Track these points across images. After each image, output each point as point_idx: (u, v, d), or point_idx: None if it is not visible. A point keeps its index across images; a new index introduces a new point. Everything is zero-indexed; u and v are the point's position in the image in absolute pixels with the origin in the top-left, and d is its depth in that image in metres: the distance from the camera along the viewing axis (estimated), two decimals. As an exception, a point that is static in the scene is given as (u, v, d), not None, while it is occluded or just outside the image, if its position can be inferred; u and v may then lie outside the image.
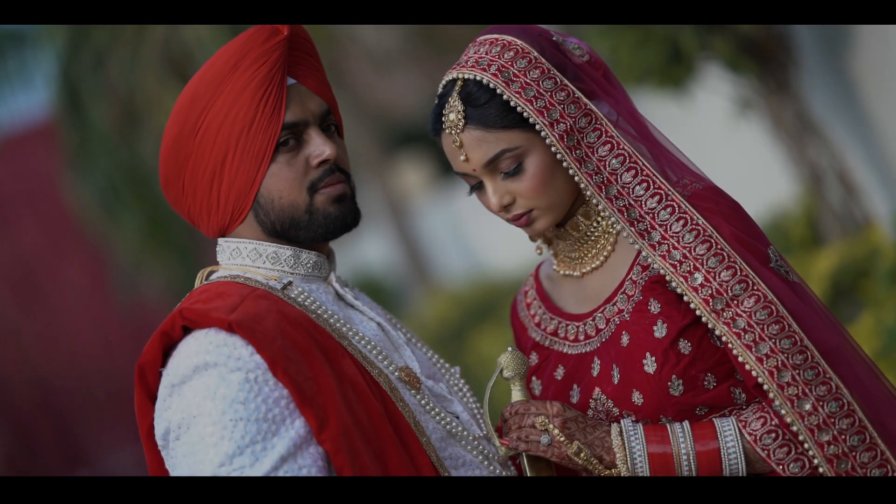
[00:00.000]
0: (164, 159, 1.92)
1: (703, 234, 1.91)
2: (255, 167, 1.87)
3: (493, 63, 1.94)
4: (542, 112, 1.91)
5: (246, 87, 1.86)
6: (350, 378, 1.81)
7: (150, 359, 1.82)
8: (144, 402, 1.84)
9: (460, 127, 1.94)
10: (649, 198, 1.93)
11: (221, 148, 1.86)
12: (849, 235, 4.62)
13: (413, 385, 1.91)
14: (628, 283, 1.98)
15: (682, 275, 1.90)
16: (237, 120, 1.85)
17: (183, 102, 1.88)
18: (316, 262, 1.95)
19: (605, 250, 2.02)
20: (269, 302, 1.83)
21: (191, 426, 1.75)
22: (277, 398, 1.75)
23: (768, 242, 1.95)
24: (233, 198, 1.88)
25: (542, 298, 2.12)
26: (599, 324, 2.01)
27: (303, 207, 1.89)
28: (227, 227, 1.92)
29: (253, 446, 1.72)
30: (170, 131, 1.89)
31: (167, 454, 1.81)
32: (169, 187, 1.93)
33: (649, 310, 1.94)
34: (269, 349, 1.76)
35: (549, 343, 2.08)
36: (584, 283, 2.06)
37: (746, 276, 1.89)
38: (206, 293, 1.85)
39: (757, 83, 4.69)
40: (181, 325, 1.81)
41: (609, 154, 1.94)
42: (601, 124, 1.95)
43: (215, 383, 1.74)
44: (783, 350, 1.86)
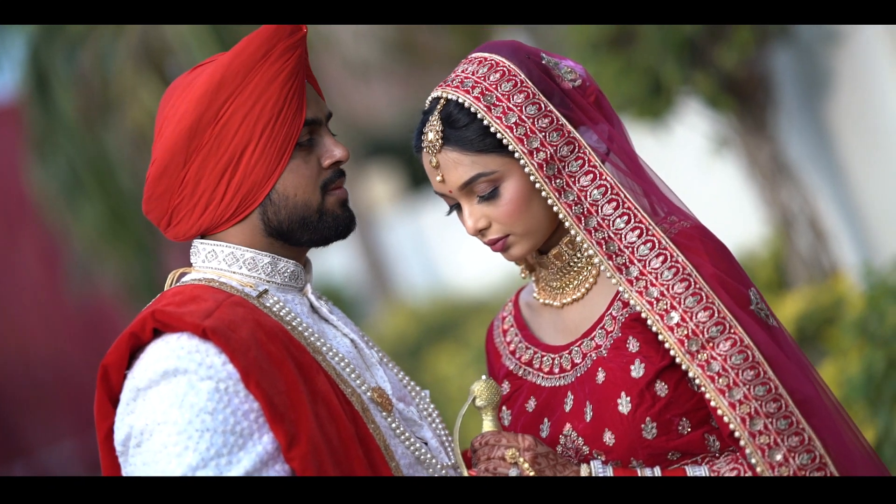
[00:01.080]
0: (169, 147, 1.82)
1: (682, 272, 1.87)
2: (275, 161, 1.82)
3: (478, 85, 1.91)
4: (522, 140, 1.88)
5: (276, 77, 1.81)
6: (323, 395, 1.75)
7: (116, 359, 1.75)
8: (105, 403, 1.76)
9: (437, 147, 1.91)
10: (630, 231, 1.89)
11: (243, 138, 1.80)
12: (815, 282, 4.61)
13: (385, 407, 1.85)
14: (608, 319, 1.94)
15: (659, 313, 1.86)
16: (265, 110, 1.80)
17: (206, 89, 1.81)
18: (293, 272, 1.90)
19: (587, 282, 1.98)
20: (245, 310, 1.77)
21: (154, 433, 1.68)
22: (247, 411, 1.69)
23: (750, 284, 1.91)
24: (243, 191, 1.82)
25: (520, 326, 2.08)
26: (576, 358, 1.96)
27: (314, 207, 1.85)
28: (218, 225, 1.85)
29: (218, 459, 1.66)
30: (185, 118, 1.81)
31: (125, 461, 1.73)
32: (163, 178, 1.84)
33: (627, 348, 1.90)
34: (244, 359, 1.70)
35: (523, 373, 2.03)
36: (563, 315, 2.02)
37: (724, 318, 1.85)
38: (180, 296, 1.78)
39: (735, 122, 4.69)
40: (152, 326, 1.73)
41: (591, 184, 1.90)
42: (584, 153, 1.91)
43: (183, 390, 1.68)
44: (757, 397, 1.82)
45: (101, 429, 1.77)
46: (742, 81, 4.58)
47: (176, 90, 1.86)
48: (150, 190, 1.86)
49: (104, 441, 1.77)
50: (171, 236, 1.89)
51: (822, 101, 4.79)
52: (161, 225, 1.89)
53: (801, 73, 4.84)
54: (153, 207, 1.87)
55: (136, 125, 6.45)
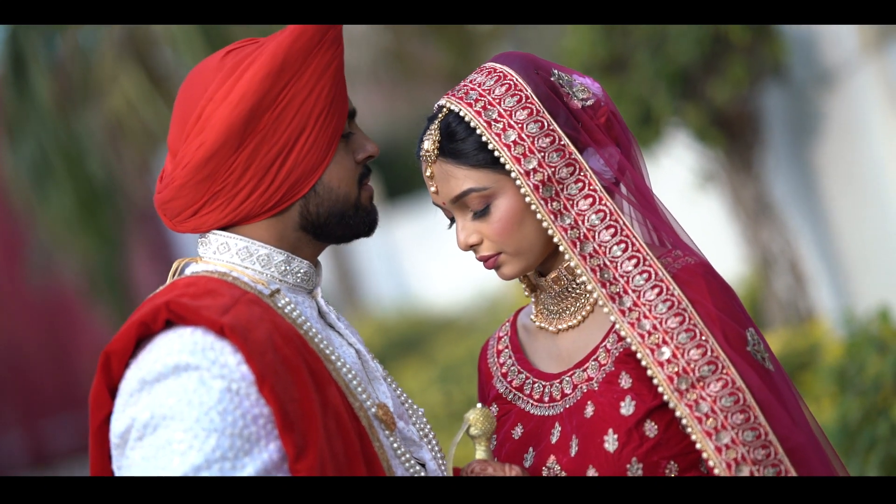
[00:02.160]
0: (223, 130, 1.73)
1: (677, 306, 1.81)
2: (324, 150, 1.77)
3: (482, 98, 1.87)
4: (519, 159, 1.83)
5: (329, 65, 1.77)
6: (334, 407, 1.68)
7: (120, 347, 1.66)
8: (103, 392, 1.67)
9: (433, 158, 1.87)
10: (626, 260, 1.84)
11: (298, 126, 1.75)
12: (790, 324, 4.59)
13: (388, 425, 1.78)
14: (602, 351, 1.88)
15: (649, 347, 1.80)
16: (320, 98, 1.76)
17: (268, 71, 1.74)
18: (306, 272, 1.82)
19: (584, 310, 1.92)
20: (261, 309, 1.70)
21: (158, 428, 1.60)
22: (257, 416, 1.62)
23: (749, 324, 1.85)
24: (291, 181, 1.76)
25: (515, 348, 2.01)
26: (566, 388, 1.90)
27: (352, 201, 1.81)
28: (253, 216, 1.77)
29: (222, 462, 1.59)
30: (244, 101, 1.73)
31: (120, 453, 1.65)
32: (210, 162, 1.73)
33: (619, 383, 1.84)
34: (260, 362, 1.62)
35: (513, 398, 1.97)
36: (558, 341, 1.95)
37: (717, 357, 1.79)
38: (193, 287, 1.70)
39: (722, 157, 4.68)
40: (165, 317, 1.65)
41: (589, 209, 1.85)
42: (585, 176, 1.85)
43: (193, 387, 1.60)
44: (745, 442, 1.76)
45: (95, 418, 1.68)
46: (732, 117, 4.57)
47: (219, 71, 1.77)
48: (187, 175, 1.75)
49: (97, 431, 1.68)
50: (185, 228, 1.80)
51: (811, 143, 4.78)
52: (181, 215, 1.79)
53: (792, 115, 4.83)
54: (183, 195, 1.77)
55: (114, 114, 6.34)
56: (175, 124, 1.79)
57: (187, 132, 1.76)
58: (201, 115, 1.75)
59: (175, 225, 1.80)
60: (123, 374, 1.66)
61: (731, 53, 4.44)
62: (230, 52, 1.79)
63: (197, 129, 1.75)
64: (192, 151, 1.74)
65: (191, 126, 1.75)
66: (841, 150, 4.64)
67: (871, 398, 3.28)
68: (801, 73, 4.72)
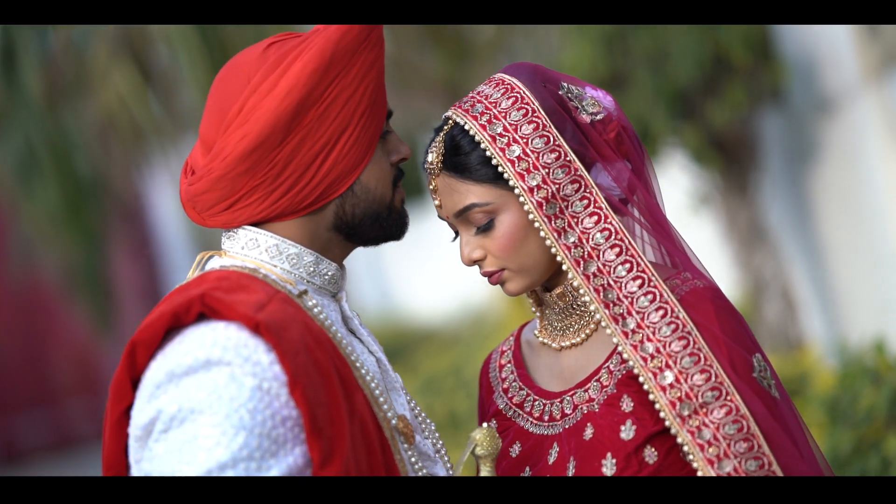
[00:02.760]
0: (270, 123, 1.70)
1: (681, 329, 1.77)
2: (364, 150, 1.75)
3: (487, 111, 1.84)
4: (523, 175, 1.80)
5: (374, 63, 1.75)
6: (360, 416, 1.65)
7: (148, 337, 1.62)
8: (125, 383, 1.63)
9: (436, 170, 1.85)
10: (631, 280, 1.80)
11: (342, 122, 1.72)
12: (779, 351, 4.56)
13: (408, 438, 1.74)
14: (604, 372, 1.84)
15: (652, 370, 1.76)
16: (364, 96, 1.74)
17: (317, 65, 1.72)
18: (334, 275, 1.79)
19: (588, 328, 1.88)
20: (294, 309, 1.67)
21: (186, 421, 1.56)
22: (285, 417, 1.58)
23: (756, 350, 1.81)
24: (330, 179, 1.73)
25: (517, 364, 1.97)
26: (566, 408, 1.86)
27: (387, 202, 1.79)
28: (288, 213, 1.74)
29: (248, 462, 1.55)
30: (292, 94, 1.71)
31: (141, 445, 1.61)
32: (252, 155, 1.70)
33: (621, 406, 1.80)
34: (293, 363, 1.59)
35: (513, 414, 1.92)
36: (560, 358, 1.91)
37: (721, 383, 1.74)
38: (227, 282, 1.66)
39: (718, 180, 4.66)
40: (198, 310, 1.61)
41: (594, 227, 1.81)
42: (591, 193, 1.82)
43: (224, 382, 1.57)
44: (748, 472, 1.72)
45: (115, 409, 1.63)
46: (730, 140, 4.56)
47: (262, 63, 1.74)
48: (227, 167, 1.71)
49: (116, 422, 1.64)
50: (216, 223, 1.75)
51: (808, 170, 4.77)
52: (214, 208, 1.74)
53: (790, 140, 4.82)
54: (220, 187, 1.73)
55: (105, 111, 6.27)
56: (211, 115, 1.75)
57: (227, 123, 1.72)
58: (244, 106, 1.72)
59: (205, 219, 1.76)
60: (148, 364, 1.62)
61: (731, 76, 4.42)
62: (272, 45, 1.76)
63: (239, 121, 1.71)
64: (233, 143, 1.71)
65: (231, 117, 1.72)
66: (838, 178, 4.62)
67: (863, 430, 3.24)
68: (801, 99, 4.70)
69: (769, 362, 1.82)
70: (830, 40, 4.51)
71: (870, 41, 4.35)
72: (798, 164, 4.79)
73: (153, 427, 1.59)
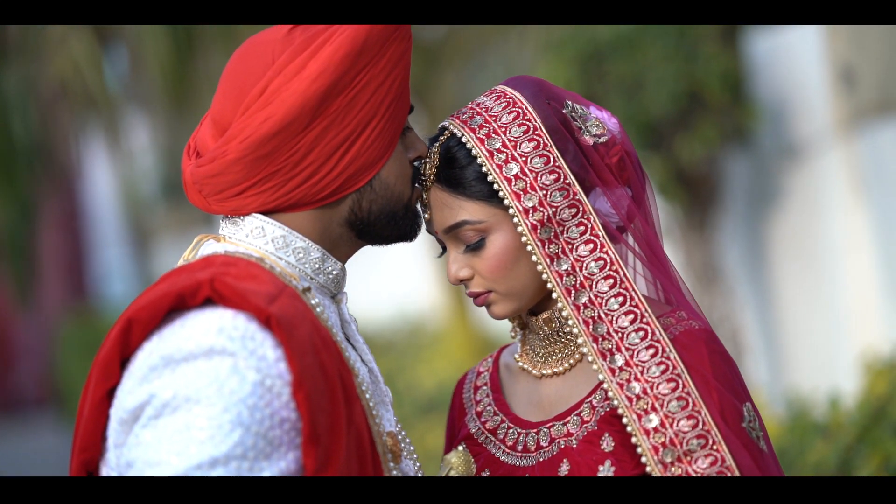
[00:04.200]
0: (296, 107, 1.62)
1: (671, 370, 1.70)
2: (388, 143, 1.68)
3: (487, 125, 1.76)
4: (519, 195, 1.73)
5: (403, 55, 1.68)
6: (357, 427, 1.58)
7: (147, 316, 1.53)
8: (114, 361, 1.53)
9: (429, 183, 1.77)
10: (623, 315, 1.73)
11: (368, 113, 1.65)
12: (722, 394, 4.51)
13: (396, 457, 1.67)
14: (586, 407, 1.76)
15: (637, 412, 1.69)
16: (392, 87, 1.67)
17: (349, 51, 1.64)
18: (338, 275, 1.71)
19: (573, 358, 1.80)
20: (303, 307, 1.59)
21: (179, 410, 1.48)
22: (284, 419, 1.50)
23: (747, 399, 1.74)
24: (351, 170, 1.66)
25: (494, 387, 1.89)
26: (542, 440, 1.78)
27: (404, 200, 1.72)
28: (304, 204, 1.66)
29: (241, 461, 1.47)
30: (322, 79, 1.63)
31: (126, 430, 1.51)
32: (275, 139, 1.62)
33: (601, 445, 1.73)
34: (300, 363, 1.51)
35: (484, 440, 1.84)
36: (540, 387, 1.83)
37: (708, 431, 1.68)
38: (235, 268, 1.57)
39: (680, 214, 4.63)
40: (206, 294, 1.52)
41: (589, 255, 1.74)
42: (588, 220, 1.74)
43: (226, 374, 1.48)
44: None
45: (99, 389, 1.54)
46: (696, 177, 4.54)
47: (288, 45, 1.66)
48: (245, 150, 1.62)
49: (99, 402, 1.54)
50: (223, 208, 1.66)
51: (769, 215, 4.76)
52: (224, 193, 1.65)
53: (754, 184, 4.81)
54: (235, 171, 1.63)
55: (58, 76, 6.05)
56: (228, 95, 1.67)
57: (247, 104, 1.64)
58: (267, 86, 1.64)
59: (211, 203, 1.66)
60: (141, 345, 1.53)
61: (704, 112, 4.40)
62: (296, 27, 1.68)
63: (262, 102, 1.63)
64: (255, 125, 1.62)
65: (252, 98, 1.64)
66: (798, 226, 4.62)
67: (810, 484, 3.20)
68: (769, 143, 4.69)
69: (758, 413, 1.76)
70: (806, 87, 4.51)
71: (846, 93, 4.35)
72: (760, 208, 4.78)
73: (142, 412, 1.50)
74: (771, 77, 4.62)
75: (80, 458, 1.55)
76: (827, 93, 4.42)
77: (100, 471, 1.56)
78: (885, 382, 3.49)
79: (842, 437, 3.16)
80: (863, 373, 3.83)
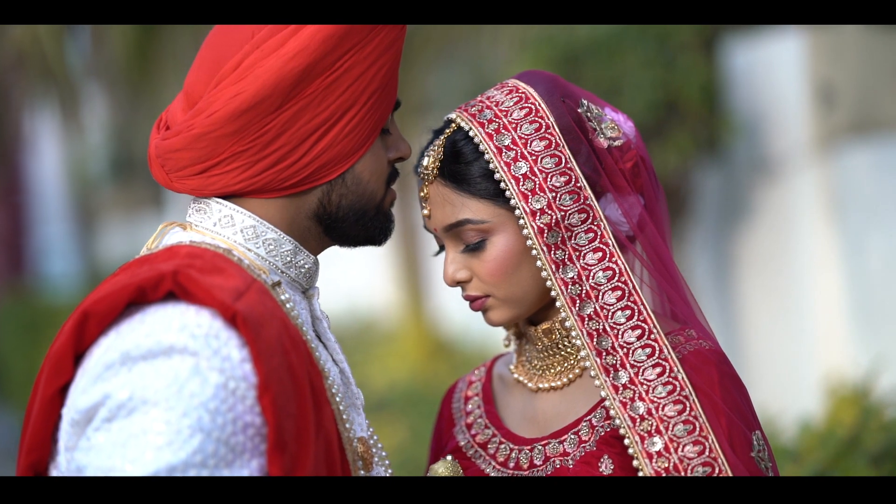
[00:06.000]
0: (268, 84, 1.53)
1: (678, 391, 1.61)
2: (366, 136, 1.57)
3: (497, 119, 1.67)
4: (527, 196, 1.64)
5: (392, 44, 1.59)
6: (327, 433, 1.49)
7: (104, 309, 1.43)
8: (68, 356, 1.43)
9: (431, 177, 1.69)
10: (629, 329, 1.64)
11: (348, 99, 1.56)
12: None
13: (367, 464, 1.58)
14: (585, 426, 1.67)
15: (640, 433, 1.61)
16: (377, 76, 1.57)
17: (332, 31, 1.55)
18: (310, 269, 1.62)
19: (572, 372, 1.71)
20: (272, 303, 1.50)
21: (135, 413, 1.38)
22: (247, 424, 1.41)
23: (756, 427, 1.67)
24: (323, 160, 1.56)
25: (486, 399, 1.80)
26: (536, 458, 1.69)
27: (377, 200, 1.63)
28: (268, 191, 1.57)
29: (200, 469, 1.38)
30: (299, 58, 1.53)
31: (79, 432, 1.42)
32: (243, 117, 1.53)
33: (599, 467, 1.64)
34: (267, 365, 1.42)
35: (473, 454, 1.75)
36: (535, 401, 1.74)
37: (715, 458, 1.60)
38: (200, 260, 1.48)
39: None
40: (168, 288, 1.43)
41: (597, 264, 1.65)
42: (598, 226, 1.66)
43: (187, 375, 1.39)
44: None
45: (50, 386, 1.44)
46: (668, 187, 4.47)
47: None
48: (211, 126, 1.53)
49: (49, 401, 1.44)
50: (184, 187, 1.57)
51: (739, 231, 4.72)
52: (186, 170, 1.56)
53: (726, 198, 4.77)
54: (198, 147, 1.54)
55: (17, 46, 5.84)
56: (202, 66, 1.58)
57: (220, 77, 1.54)
58: (242, 61, 1.54)
59: (172, 180, 1.57)
60: (97, 340, 1.44)
61: (680, 123, 4.35)
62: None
63: (235, 77, 1.53)
64: (223, 100, 1.53)
65: (226, 72, 1.54)
66: (767, 244, 4.58)
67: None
68: (743, 158, 4.65)
69: (767, 442, 1.68)
70: (783, 102, 4.47)
71: (824, 111, 4.31)
72: (730, 222, 4.74)
73: (96, 413, 1.40)
74: (749, 90, 4.58)
75: (28, 460, 1.47)
76: (804, 110, 4.38)
77: (49, 473, 1.48)
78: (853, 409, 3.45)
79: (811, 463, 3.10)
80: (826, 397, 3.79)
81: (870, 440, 3.18)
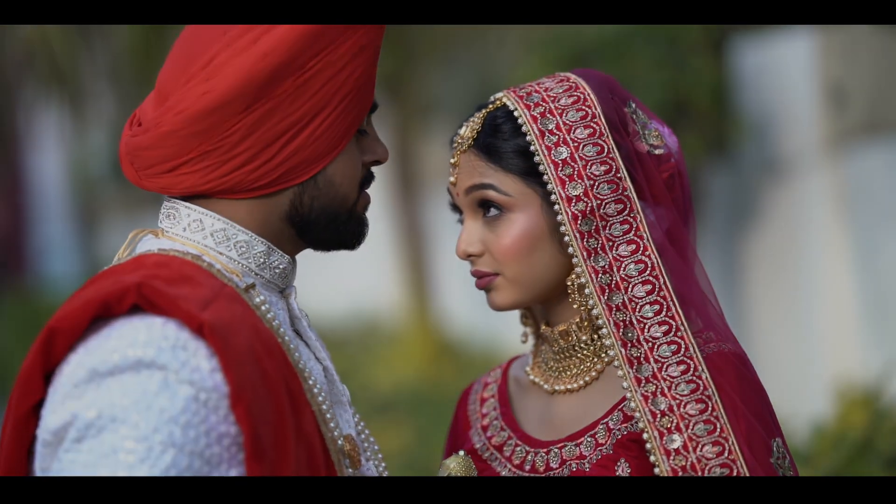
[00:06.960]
0: (238, 84, 1.51)
1: (701, 391, 1.60)
2: (338, 138, 1.55)
3: (543, 104, 1.66)
4: (564, 181, 1.64)
5: (368, 46, 1.56)
6: (307, 437, 1.47)
7: (71, 326, 1.41)
8: (37, 375, 1.42)
9: (465, 146, 1.69)
10: (656, 324, 1.63)
11: (320, 100, 1.53)
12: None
13: (354, 462, 1.56)
14: (601, 429, 1.66)
15: (660, 429, 1.59)
16: (350, 77, 1.55)
17: (305, 30, 1.53)
18: (285, 269, 1.59)
19: (589, 374, 1.70)
20: (242, 309, 1.47)
21: (104, 431, 1.36)
22: (222, 435, 1.40)
23: (777, 434, 1.65)
24: (294, 162, 1.53)
25: (502, 401, 1.78)
26: (553, 461, 1.67)
27: (349, 205, 1.60)
28: (238, 191, 1.55)
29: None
30: (270, 57, 1.51)
31: (51, 452, 1.40)
32: (211, 116, 1.50)
33: (615, 470, 1.62)
34: (238, 373, 1.40)
35: (489, 457, 1.73)
36: (552, 403, 1.72)
37: (734, 460, 1.58)
38: (167, 270, 1.46)
39: (659, 227, 4.54)
40: (133, 301, 1.40)
41: (629, 256, 1.64)
42: (635, 218, 1.64)
43: (155, 389, 1.37)
44: None
45: (21, 405, 1.42)
46: (679, 189, 4.44)
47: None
48: (179, 124, 1.51)
49: (20, 421, 1.42)
50: (153, 185, 1.55)
51: (748, 232, 4.70)
52: (155, 168, 1.54)
53: (735, 199, 4.76)
54: (167, 145, 1.51)
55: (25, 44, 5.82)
56: (174, 63, 1.56)
57: (190, 75, 1.52)
58: (213, 59, 1.52)
59: (141, 178, 1.55)
60: (66, 357, 1.41)
61: (690, 124, 4.32)
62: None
63: (205, 75, 1.52)
64: (192, 98, 1.51)
65: (197, 69, 1.52)
66: (776, 245, 4.56)
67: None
68: (752, 159, 4.63)
69: (789, 451, 1.66)
70: (794, 103, 4.44)
71: (834, 111, 4.28)
72: (740, 224, 4.72)
73: (66, 433, 1.38)
74: (759, 91, 4.56)
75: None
76: (815, 110, 4.35)
77: None
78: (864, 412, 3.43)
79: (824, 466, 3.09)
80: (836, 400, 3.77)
81: (882, 443, 3.17)
